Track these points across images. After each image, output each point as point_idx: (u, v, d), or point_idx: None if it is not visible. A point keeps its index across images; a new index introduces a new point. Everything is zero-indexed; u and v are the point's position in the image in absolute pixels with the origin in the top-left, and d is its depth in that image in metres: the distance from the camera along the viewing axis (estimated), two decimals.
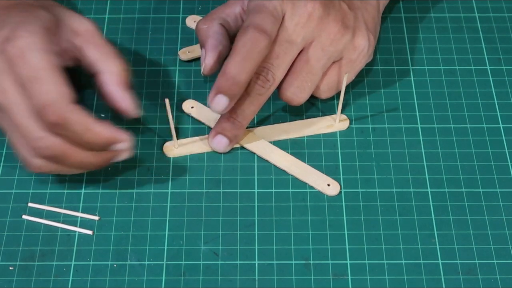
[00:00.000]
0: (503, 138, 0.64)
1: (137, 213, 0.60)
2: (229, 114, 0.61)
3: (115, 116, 0.65)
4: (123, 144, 0.57)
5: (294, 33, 0.60)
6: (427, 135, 0.64)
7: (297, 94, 0.61)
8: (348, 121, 0.65)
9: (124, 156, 0.58)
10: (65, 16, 0.59)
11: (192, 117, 0.65)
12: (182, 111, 0.65)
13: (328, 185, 0.61)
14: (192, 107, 0.65)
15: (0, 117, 0.57)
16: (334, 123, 0.64)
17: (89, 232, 0.58)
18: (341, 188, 0.61)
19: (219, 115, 0.63)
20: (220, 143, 0.62)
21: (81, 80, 0.67)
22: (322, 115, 0.65)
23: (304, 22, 0.60)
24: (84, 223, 0.59)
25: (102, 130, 0.55)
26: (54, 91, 0.54)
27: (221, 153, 0.63)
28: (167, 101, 0.58)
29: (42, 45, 0.55)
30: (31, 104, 0.54)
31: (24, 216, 0.59)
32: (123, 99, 0.58)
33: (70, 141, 0.55)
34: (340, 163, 0.62)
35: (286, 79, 0.61)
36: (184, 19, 0.72)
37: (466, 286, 0.56)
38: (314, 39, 0.61)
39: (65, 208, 0.60)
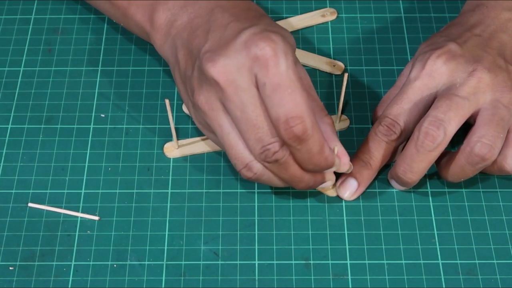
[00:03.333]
0: None
1: (137, 213, 0.60)
2: (395, 172, 0.59)
3: (115, 116, 0.65)
4: (333, 179, 0.58)
5: (463, 91, 0.57)
6: None
7: (492, 146, 0.56)
8: (348, 121, 0.65)
9: (329, 184, 0.58)
10: None
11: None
12: (182, 112, 0.65)
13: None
14: None
15: (215, 116, 0.55)
16: (334, 123, 0.64)
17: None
18: None
19: None
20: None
21: (81, 81, 0.67)
22: None
23: (474, 82, 0.57)
24: (84, 223, 0.59)
25: (331, 155, 0.54)
26: (304, 104, 0.51)
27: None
28: (167, 101, 0.58)
29: (292, 54, 0.53)
30: (273, 112, 0.52)
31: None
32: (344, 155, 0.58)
33: (297, 157, 0.54)
34: None
35: (476, 132, 0.56)
36: None
37: (466, 286, 0.56)
38: (489, 99, 0.57)
39: (65, 208, 0.60)
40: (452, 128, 0.56)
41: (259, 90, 0.52)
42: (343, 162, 0.57)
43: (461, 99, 0.57)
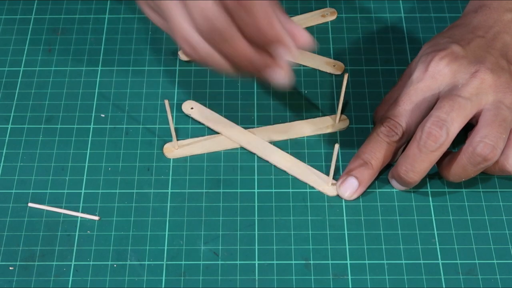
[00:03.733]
0: None
1: (137, 213, 0.60)
2: (397, 172, 0.59)
3: (115, 116, 0.65)
4: (287, 53, 0.52)
5: (466, 92, 0.57)
6: None
7: (494, 146, 0.56)
8: (348, 121, 0.65)
9: (280, 77, 0.53)
10: None
11: (192, 118, 0.65)
12: (182, 112, 0.65)
13: (329, 185, 0.61)
14: (192, 108, 0.65)
15: None
16: (334, 123, 0.64)
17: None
18: None
19: (217, 116, 0.64)
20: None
21: (81, 81, 0.68)
22: (322, 115, 0.65)
23: (477, 83, 0.57)
24: (84, 223, 0.59)
25: (277, 24, 0.50)
26: None
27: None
28: (166, 102, 0.58)
29: None
30: None
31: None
32: (296, 28, 0.53)
33: (238, 23, 0.50)
34: (340, 163, 0.62)
35: (479, 132, 0.56)
36: None
37: (466, 286, 0.56)
38: (492, 100, 0.57)
39: (65, 208, 0.60)
40: (455, 128, 0.56)
41: None
42: (298, 36, 0.53)
43: (464, 99, 0.57)
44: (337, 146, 0.56)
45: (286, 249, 0.58)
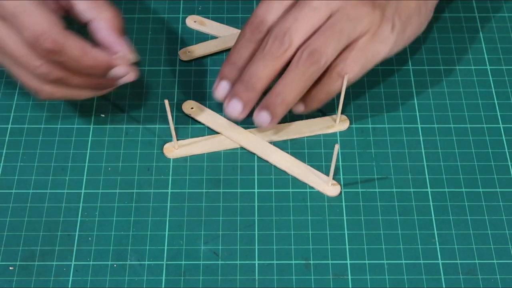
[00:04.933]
0: (503, 138, 0.64)
1: (137, 213, 0.60)
2: (243, 77, 0.60)
3: (115, 116, 0.65)
4: (120, 69, 0.57)
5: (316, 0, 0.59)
6: (427, 135, 0.64)
7: (323, 48, 0.59)
8: (348, 122, 0.65)
9: (128, 78, 0.59)
10: None
11: (192, 118, 0.65)
12: (182, 112, 0.65)
13: (329, 185, 0.61)
14: (192, 108, 0.65)
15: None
16: (334, 124, 0.64)
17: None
18: (341, 188, 0.61)
19: (217, 116, 0.64)
20: (235, 108, 0.60)
21: None
22: (322, 116, 0.65)
23: None
24: (84, 223, 0.59)
25: (98, 54, 0.56)
26: (44, 20, 0.54)
27: (236, 121, 0.62)
28: (166, 102, 0.58)
29: None
30: (23, 38, 0.54)
31: None
32: (118, 43, 0.58)
33: (69, 67, 0.56)
34: (340, 163, 0.62)
35: (312, 37, 0.59)
36: (184, 19, 0.72)
37: (466, 286, 0.56)
38: (339, 8, 0.59)
39: (65, 207, 0.60)
40: (299, 37, 0.59)
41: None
42: (117, 50, 0.58)
43: (310, 9, 0.59)
44: (337, 146, 0.56)
45: (286, 249, 0.58)
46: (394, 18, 0.61)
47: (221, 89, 0.61)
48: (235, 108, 0.60)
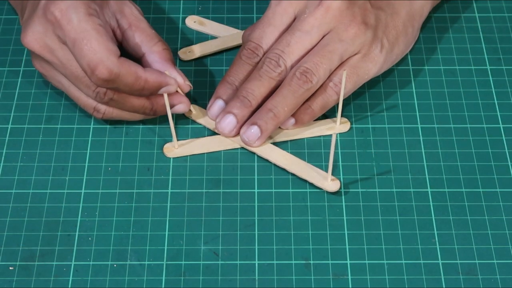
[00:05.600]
0: (503, 138, 0.64)
1: (137, 213, 0.60)
2: (238, 94, 0.62)
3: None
4: (170, 87, 0.60)
5: (307, 24, 0.61)
6: (427, 135, 0.64)
7: (315, 68, 0.61)
8: (348, 124, 0.65)
9: (181, 108, 0.62)
10: None
11: (192, 118, 0.65)
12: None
13: (328, 181, 0.61)
14: (192, 108, 0.65)
15: (52, 76, 0.61)
16: (335, 126, 0.64)
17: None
18: (341, 184, 0.61)
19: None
20: (230, 123, 0.62)
21: None
22: (322, 117, 0.65)
23: (321, 13, 0.61)
24: (84, 223, 0.59)
25: (150, 77, 0.59)
26: (102, 49, 0.57)
27: (227, 137, 0.63)
28: (166, 102, 0.58)
29: (84, 8, 0.58)
30: (79, 64, 0.58)
31: None
32: (173, 74, 0.61)
33: (122, 91, 0.59)
34: (340, 163, 0.62)
35: (305, 57, 0.61)
36: (184, 19, 0.72)
37: (466, 286, 0.56)
38: (331, 30, 0.61)
39: (65, 208, 0.60)
40: (292, 60, 0.61)
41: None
42: (175, 77, 0.61)
43: (302, 33, 0.61)
44: (334, 135, 0.56)
45: (286, 249, 0.58)
46: (383, 39, 0.63)
47: (216, 107, 0.63)
48: (230, 123, 0.62)
